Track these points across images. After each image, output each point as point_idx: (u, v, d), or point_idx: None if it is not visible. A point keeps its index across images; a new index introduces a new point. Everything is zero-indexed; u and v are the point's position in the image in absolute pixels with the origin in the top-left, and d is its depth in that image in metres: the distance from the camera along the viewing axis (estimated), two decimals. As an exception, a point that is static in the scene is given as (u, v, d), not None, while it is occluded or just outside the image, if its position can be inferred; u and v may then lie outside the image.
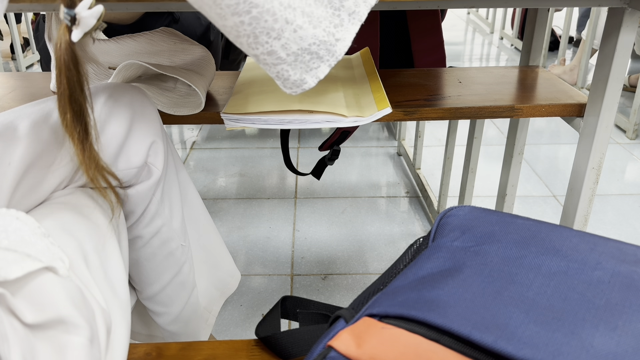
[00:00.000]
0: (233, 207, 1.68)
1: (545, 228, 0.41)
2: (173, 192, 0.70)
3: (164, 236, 0.69)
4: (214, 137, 2.21)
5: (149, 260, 0.70)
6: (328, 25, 0.47)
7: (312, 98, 0.82)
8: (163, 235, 0.69)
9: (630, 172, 1.90)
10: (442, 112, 0.86)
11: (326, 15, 0.47)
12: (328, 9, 0.47)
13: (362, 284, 1.34)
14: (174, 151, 0.74)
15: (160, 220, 0.68)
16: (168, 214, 0.69)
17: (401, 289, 0.37)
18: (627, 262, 0.37)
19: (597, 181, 0.87)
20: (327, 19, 0.47)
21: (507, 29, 3.75)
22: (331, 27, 0.47)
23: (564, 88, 0.94)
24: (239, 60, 2.46)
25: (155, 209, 0.66)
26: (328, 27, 0.47)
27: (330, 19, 0.47)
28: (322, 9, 0.47)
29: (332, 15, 0.47)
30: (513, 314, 0.32)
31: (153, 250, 0.69)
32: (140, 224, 0.66)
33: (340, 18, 0.48)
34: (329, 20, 0.47)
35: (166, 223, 0.69)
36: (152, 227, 0.67)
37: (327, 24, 0.47)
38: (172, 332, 0.78)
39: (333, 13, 0.47)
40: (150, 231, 0.68)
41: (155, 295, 0.73)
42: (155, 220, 0.67)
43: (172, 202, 0.69)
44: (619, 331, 0.31)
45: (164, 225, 0.68)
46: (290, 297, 0.60)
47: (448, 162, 1.51)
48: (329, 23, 0.47)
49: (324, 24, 0.47)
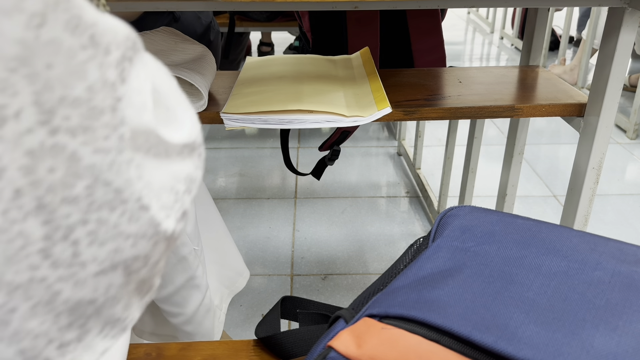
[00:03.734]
0: (233, 207, 1.68)
1: (545, 228, 0.41)
2: None
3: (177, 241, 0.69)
4: (214, 137, 2.21)
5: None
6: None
7: (312, 98, 0.82)
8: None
9: (631, 172, 1.90)
10: (442, 112, 0.86)
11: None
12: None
13: (362, 284, 1.34)
14: None
15: None
16: None
17: (401, 289, 0.36)
18: (628, 262, 0.37)
19: (597, 181, 0.87)
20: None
21: (507, 29, 3.75)
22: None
23: (564, 88, 0.94)
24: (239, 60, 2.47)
25: None
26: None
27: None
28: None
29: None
30: (513, 315, 0.32)
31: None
32: None
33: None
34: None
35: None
36: None
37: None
38: (188, 332, 0.78)
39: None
40: None
41: (169, 297, 0.73)
42: None
43: None
44: (619, 331, 0.31)
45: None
46: (290, 297, 0.60)
47: (448, 162, 1.50)
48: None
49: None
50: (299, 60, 1.01)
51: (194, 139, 0.28)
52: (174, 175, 0.26)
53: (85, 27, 0.21)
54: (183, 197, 0.27)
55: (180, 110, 0.28)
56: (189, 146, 0.27)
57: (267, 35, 3.16)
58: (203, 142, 0.29)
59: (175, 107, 0.27)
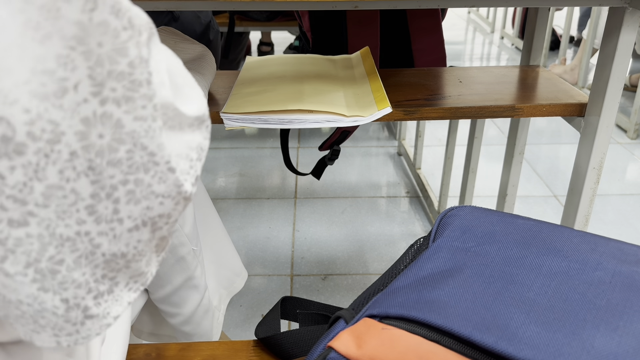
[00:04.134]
0: (233, 207, 1.68)
1: (546, 228, 0.41)
2: None
3: (175, 242, 0.68)
4: (214, 136, 2.21)
5: (160, 264, 0.69)
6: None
7: (312, 98, 0.82)
8: (174, 241, 0.68)
9: (631, 172, 1.90)
10: (443, 112, 0.86)
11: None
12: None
13: (362, 284, 1.34)
14: None
15: None
16: (180, 219, 0.68)
17: (401, 290, 0.36)
18: (628, 262, 0.37)
19: (598, 181, 0.87)
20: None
21: (507, 29, 3.75)
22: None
23: (564, 88, 0.94)
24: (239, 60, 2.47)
25: None
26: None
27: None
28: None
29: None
30: (514, 315, 0.32)
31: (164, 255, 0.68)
32: None
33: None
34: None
35: (178, 229, 0.68)
36: None
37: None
38: (186, 333, 0.78)
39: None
40: None
41: (167, 297, 0.73)
42: None
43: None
44: (619, 332, 0.31)
45: (175, 230, 0.68)
46: (290, 297, 0.60)
47: (448, 162, 1.50)
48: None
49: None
50: (299, 60, 1.01)
51: (202, 112, 0.31)
52: (188, 145, 0.30)
53: (124, 11, 0.24)
54: (196, 164, 0.31)
55: (188, 87, 0.31)
56: (199, 119, 0.31)
57: (267, 35, 3.16)
58: (209, 117, 0.33)
59: (184, 85, 0.31)
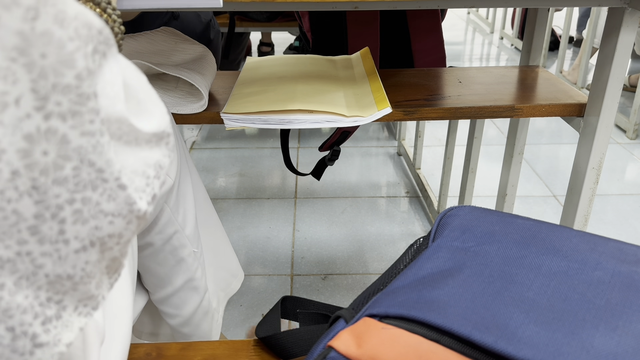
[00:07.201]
0: (233, 207, 1.68)
1: (545, 228, 0.41)
2: (187, 198, 0.69)
3: (176, 243, 0.68)
4: (214, 137, 2.21)
5: (161, 265, 0.69)
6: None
7: (312, 98, 0.82)
8: (175, 243, 0.68)
9: (631, 172, 1.90)
10: (442, 112, 0.86)
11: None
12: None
13: (362, 284, 1.34)
14: (186, 154, 0.73)
15: (173, 228, 0.67)
16: (181, 220, 0.68)
17: (401, 289, 0.36)
18: (628, 262, 0.37)
19: (597, 181, 0.87)
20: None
21: (507, 29, 3.75)
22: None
23: (564, 88, 0.94)
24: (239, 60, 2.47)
25: (167, 216, 0.66)
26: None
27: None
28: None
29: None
30: (513, 314, 0.32)
31: (165, 256, 0.68)
32: (152, 231, 0.66)
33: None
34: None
35: (179, 230, 0.68)
36: (164, 234, 0.67)
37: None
38: (185, 334, 0.78)
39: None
40: (162, 238, 0.67)
41: (167, 298, 0.73)
42: (168, 227, 0.66)
43: (186, 208, 0.68)
44: (619, 331, 0.31)
45: (176, 232, 0.68)
46: (290, 297, 0.60)
47: (448, 162, 1.50)
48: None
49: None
50: (299, 60, 1.01)
51: (162, 129, 0.30)
52: (145, 161, 0.29)
53: (70, 20, 0.23)
54: (153, 182, 0.29)
55: (149, 103, 0.30)
56: (157, 135, 0.30)
57: (267, 35, 3.16)
58: (172, 133, 0.31)
59: (146, 100, 0.30)
